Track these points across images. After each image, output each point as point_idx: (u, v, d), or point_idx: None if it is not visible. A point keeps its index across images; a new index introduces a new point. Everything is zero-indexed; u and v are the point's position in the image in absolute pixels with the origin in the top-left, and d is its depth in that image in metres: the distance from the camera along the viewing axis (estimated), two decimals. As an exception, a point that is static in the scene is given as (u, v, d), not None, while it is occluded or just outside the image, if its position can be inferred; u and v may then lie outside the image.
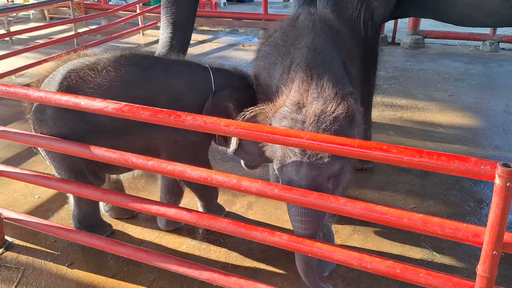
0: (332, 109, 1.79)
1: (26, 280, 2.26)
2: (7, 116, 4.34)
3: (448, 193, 3.05)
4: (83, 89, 2.20)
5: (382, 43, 7.13)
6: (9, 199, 2.96)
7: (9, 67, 5.63)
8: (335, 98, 1.83)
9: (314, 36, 2.19)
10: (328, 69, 2.00)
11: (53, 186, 2.39)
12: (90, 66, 2.26)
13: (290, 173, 1.81)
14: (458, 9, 2.91)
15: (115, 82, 2.24)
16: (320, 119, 1.77)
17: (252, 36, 7.81)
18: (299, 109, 1.83)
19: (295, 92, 1.93)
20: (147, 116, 1.87)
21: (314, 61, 2.03)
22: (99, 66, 2.25)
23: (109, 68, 2.25)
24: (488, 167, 1.35)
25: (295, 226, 1.87)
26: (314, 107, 1.80)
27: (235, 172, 3.23)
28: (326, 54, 2.11)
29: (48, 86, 2.26)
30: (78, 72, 2.24)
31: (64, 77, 2.23)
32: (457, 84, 5.28)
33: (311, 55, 2.07)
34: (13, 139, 2.35)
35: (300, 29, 2.31)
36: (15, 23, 8.62)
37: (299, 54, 2.11)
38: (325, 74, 1.95)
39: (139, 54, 2.47)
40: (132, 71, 2.29)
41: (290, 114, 1.83)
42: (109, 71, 2.25)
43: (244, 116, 1.99)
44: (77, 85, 2.21)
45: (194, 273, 2.03)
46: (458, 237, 1.47)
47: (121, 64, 2.28)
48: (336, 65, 2.12)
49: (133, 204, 2.09)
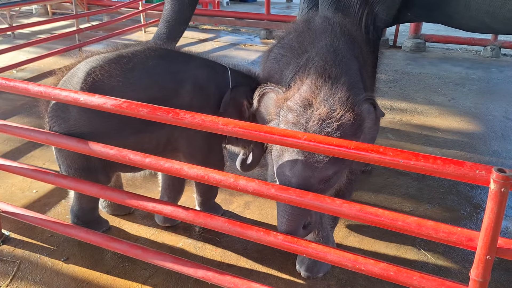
0: (338, 115, 1.80)
1: (22, 274, 2.26)
2: (6, 110, 4.34)
3: (444, 197, 3.06)
4: (110, 83, 2.22)
5: (383, 46, 7.15)
6: (7, 193, 2.96)
7: (10, 61, 5.63)
8: (345, 103, 1.83)
9: (333, 39, 2.18)
10: (345, 71, 2.00)
11: (50, 181, 2.39)
12: (114, 60, 2.29)
13: (284, 167, 1.83)
14: (472, 14, 2.78)
15: (143, 74, 2.30)
16: (324, 123, 1.78)
17: (254, 36, 7.81)
18: (307, 106, 1.83)
19: (307, 87, 1.92)
20: (145, 113, 1.87)
21: (332, 61, 2.02)
22: (125, 59, 2.29)
23: (135, 60, 2.30)
24: (484, 172, 1.36)
25: (279, 220, 1.91)
26: (320, 109, 1.80)
27: (233, 171, 3.25)
28: (344, 56, 2.10)
29: (69, 83, 2.27)
30: (103, 66, 2.25)
31: (89, 73, 2.24)
32: (457, 89, 5.29)
33: (330, 55, 2.06)
34: (12, 133, 2.35)
35: (317, 31, 2.30)
36: (17, 17, 8.62)
37: (317, 53, 2.09)
38: (341, 76, 1.95)
39: (161, 47, 2.55)
40: (158, 63, 2.35)
41: (297, 109, 1.84)
42: (136, 64, 2.30)
43: (261, 93, 2.04)
44: (102, 79, 2.23)
45: (189, 271, 2.04)
46: (452, 241, 1.48)
47: (148, 57, 2.34)
48: (353, 69, 2.11)
49: (130, 201, 2.10)
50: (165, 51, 2.48)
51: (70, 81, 2.28)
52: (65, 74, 2.36)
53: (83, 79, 2.23)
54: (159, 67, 2.35)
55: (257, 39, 7.64)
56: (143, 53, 2.36)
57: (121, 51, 2.37)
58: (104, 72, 2.24)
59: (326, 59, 2.00)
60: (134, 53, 2.35)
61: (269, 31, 7.61)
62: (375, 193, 3.11)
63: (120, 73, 2.25)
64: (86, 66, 2.28)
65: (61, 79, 2.35)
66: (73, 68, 2.35)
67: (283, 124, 1.87)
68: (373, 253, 2.48)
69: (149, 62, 2.33)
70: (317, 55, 2.05)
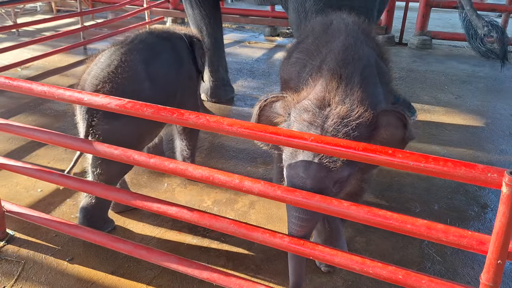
0: (356, 114, 1.75)
1: (26, 274, 2.25)
2: (11, 108, 4.34)
3: (452, 196, 3.02)
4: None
5: (389, 43, 7.10)
6: (12, 192, 2.96)
7: (15, 59, 5.64)
8: (361, 103, 1.79)
9: (346, 36, 2.14)
10: (360, 69, 1.95)
11: (53, 181, 2.36)
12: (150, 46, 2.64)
13: (298, 168, 1.77)
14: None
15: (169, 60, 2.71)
16: (343, 123, 1.74)
17: (259, 33, 7.78)
18: (323, 106, 1.79)
19: (321, 87, 1.88)
20: (150, 113, 1.86)
21: (345, 60, 1.97)
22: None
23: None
24: (496, 175, 1.33)
25: (290, 224, 1.85)
26: (339, 108, 1.76)
27: (237, 171, 3.23)
28: (357, 53, 2.03)
29: (96, 70, 2.39)
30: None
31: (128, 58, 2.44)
32: (463, 87, 5.24)
33: (343, 54, 2.01)
34: (15, 132, 2.33)
35: (333, 32, 2.27)
36: (22, 15, 8.63)
37: (331, 53, 2.06)
38: (356, 74, 1.91)
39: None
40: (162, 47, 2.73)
41: (313, 108, 1.79)
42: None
43: (266, 99, 1.96)
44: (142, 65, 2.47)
45: (194, 272, 2.02)
46: (463, 244, 1.45)
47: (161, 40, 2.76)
48: (368, 65, 2.04)
49: (135, 201, 2.08)
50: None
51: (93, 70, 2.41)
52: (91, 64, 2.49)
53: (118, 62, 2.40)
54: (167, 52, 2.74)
55: (261, 36, 7.61)
56: (158, 36, 2.78)
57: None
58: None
59: (339, 58, 1.96)
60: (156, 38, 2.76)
61: (273, 28, 7.57)
62: (382, 193, 3.08)
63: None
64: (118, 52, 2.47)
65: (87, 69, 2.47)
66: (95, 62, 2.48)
67: (297, 124, 1.81)
68: (380, 254, 2.46)
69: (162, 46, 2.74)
70: (330, 55, 2.01)
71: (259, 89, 5.13)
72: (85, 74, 2.46)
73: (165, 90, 2.59)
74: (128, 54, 2.46)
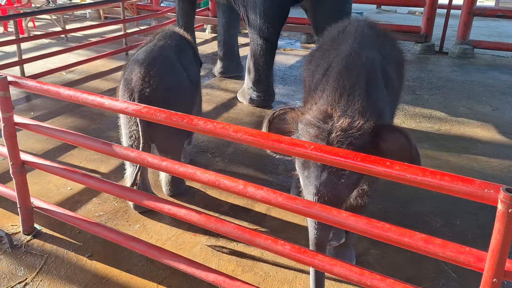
0: (358, 125, 1.77)
1: (48, 268, 2.38)
2: (53, 110, 4.59)
3: (477, 212, 2.92)
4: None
5: (429, 52, 6.92)
6: (43, 190, 3.13)
7: (61, 63, 5.97)
8: (363, 114, 1.80)
9: (353, 41, 2.16)
10: (363, 76, 1.96)
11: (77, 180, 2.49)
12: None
13: (312, 177, 1.80)
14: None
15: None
16: (346, 134, 1.75)
17: (295, 41, 7.80)
18: (326, 119, 1.81)
19: (324, 100, 1.90)
20: (162, 118, 1.94)
21: (348, 66, 2.00)
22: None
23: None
24: (492, 191, 1.29)
25: (309, 231, 1.89)
26: (341, 121, 1.78)
27: (257, 177, 3.27)
28: (361, 58, 2.05)
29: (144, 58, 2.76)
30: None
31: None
32: (503, 98, 5.03)
33: (346, 60, 2.04)
34: (44, 133, 2.49)
35: (344, 35, 2.31)
36: (72, 21, 9.10)
37: (337, 57, 2.09)
38: (359, 81, 1.92)
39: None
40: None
41: (316, 122, 1.82)
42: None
43: (274, 113, 2.00)
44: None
45: (201, 274, 2.07)
46: (460, 261, 1.42)
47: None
48: (372, 71, 2.04)
49: (148, 202, 2.16)
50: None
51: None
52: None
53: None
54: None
55: (297, 43, 7.63)
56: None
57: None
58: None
59: (341, 66, 1.98)
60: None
61: (310, 35, 7.57)
62: (404, 206, 3.02)
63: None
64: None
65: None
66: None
67: (304, 137, 1.84)
68: (394, 268, 2.41)
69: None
70: (335, 61, 2.03)
71: (289, 96, 5.15)
72: (127, 73, 2.78)
73: (194, 79, 3.08)
74: (165, 50, 2.87)
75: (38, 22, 9.16)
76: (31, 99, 4.92)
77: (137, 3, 9.43)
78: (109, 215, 2.85)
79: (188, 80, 2.93)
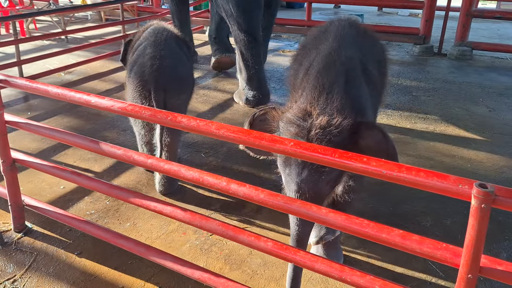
0: (337, 122, 1.78)
1: (37, 265, 2.40)
2: (49, 110, 4.61)
3: (467, 212, 2.88)
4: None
5: (427, 54, 6.92)
6: (37, 188, 3.15)
7: (60, 64, 6.01)
8: (341, 111, 1.81)
9: (333, 39, 2.18)
10: (342, 74, 1.97)
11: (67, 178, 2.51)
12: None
13: (293, 175, 1.82)
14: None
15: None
16: (325, 132, 1.77)
17: (294, 42, 7.81)
18: (305, 117, 1.83)
19: (304, 99, 1.93)
20: (147, 116, 1.95)
21: (328, 65, 2.01)
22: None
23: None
24: (466, 187, 1.31)
25: (291, 227, 1.90)
26: (320, 119, 1.79)
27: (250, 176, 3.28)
28: (340, 57, 2.06)
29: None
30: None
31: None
32: (500, 100, 5.02)
33: (326, 59, 2.05)
34: (36, 132, 2.51)
35: (326, 34, 2.32)
36: (73, 23, 9.16)
37: (317, 56, 2.11)
38: (337, 80, 1.93)
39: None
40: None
41: (296, 120, 1.84)
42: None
43: (255, 113, 2.02)
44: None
45: (187, 272, 2.08)
46: (437, 257, 1.43)
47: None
48: (352, 69, 2.06)
49: (134, 199, 2.18)
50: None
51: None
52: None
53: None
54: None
55: (296, 45, 7.63)
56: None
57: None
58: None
59: (321, 64, 2.00)
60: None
61: (309, 37, 7.57)
62: (395, 205, 3.01)
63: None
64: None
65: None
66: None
67: (285, 135, 1.85)
68: (382, 266, 2.41)
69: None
70: (315, 60, 2.05)
71: (284, 96, 5.16)
72: (136, 67, 2.98)
73: (192, 68, 3.38)
74: (168, 43, 3.07)
75: (39, 24, 9.22)
76: (28, 100, 4.96)
77: (137, 5, 9.49)
78: (100, 214, 2.87)
79: (192, 71, 3.35)
